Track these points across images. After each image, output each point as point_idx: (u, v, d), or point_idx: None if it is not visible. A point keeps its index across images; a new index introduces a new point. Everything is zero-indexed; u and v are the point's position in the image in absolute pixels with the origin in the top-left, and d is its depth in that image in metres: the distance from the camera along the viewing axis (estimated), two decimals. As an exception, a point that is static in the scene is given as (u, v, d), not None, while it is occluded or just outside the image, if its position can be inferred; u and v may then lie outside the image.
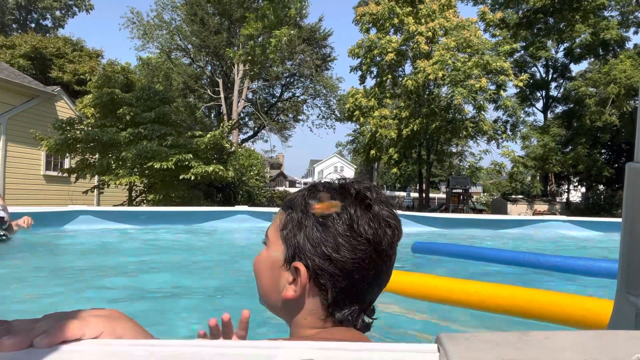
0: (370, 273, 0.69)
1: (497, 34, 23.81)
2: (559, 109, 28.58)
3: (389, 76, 21.12)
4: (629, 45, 24.91)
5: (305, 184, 33.52)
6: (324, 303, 0.68)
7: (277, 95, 31.39)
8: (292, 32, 17.42)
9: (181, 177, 10.79)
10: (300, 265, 0.68)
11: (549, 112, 28.67)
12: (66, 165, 13.61)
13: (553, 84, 28.48)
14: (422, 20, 20.00)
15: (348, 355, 0.36)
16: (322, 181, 0.76)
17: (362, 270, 0.68)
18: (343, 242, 0.67)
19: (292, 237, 0.70)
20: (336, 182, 0.75)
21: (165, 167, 10.29)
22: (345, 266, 0.67)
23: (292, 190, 22.98)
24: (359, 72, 22.15)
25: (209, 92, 27.89)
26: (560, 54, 27.57)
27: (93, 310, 0.51)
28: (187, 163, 10.65)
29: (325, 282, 0.67)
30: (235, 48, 22.84)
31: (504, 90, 20.63)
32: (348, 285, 0.68)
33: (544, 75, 28.25)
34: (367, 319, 0.72)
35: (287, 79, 30.37)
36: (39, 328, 0.44)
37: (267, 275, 0.74)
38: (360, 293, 0.69)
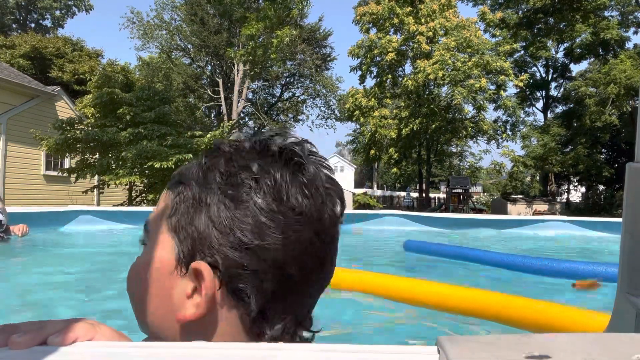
0: (309, 264, 0.49)
1: (497, 34, 23.85)
2: (559, 109, 28.67)
3: (389, 76, 21.15)
4: (629, 45, 25.00)
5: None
6: (246, 318, 0.47)
7: (277, 95, 31.46)
8: (293, 32, 17.43)
9: (181, 177, 10.79)
10: (203, 265, 0.46)
11: (549, 112, 28.72)
12: (66, 165, 13.61)
13: (553, 84, 28.58)
14: (422, 20, 20.03)
15: (348, 357, 0.36)
16: (227, 139, 0.53)
17: (299, 261, 0.47)
18: (268, 220, 0.46)
19: (187, 224, 0.48)
20: (248, 137, 0.52)
21: (165, 167, 10.30)
22: (274, 257, 0.46)
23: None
24: (359, 72, 22.18)
25: (209, 92, 27.92)
26: (560, 54, 27.67)
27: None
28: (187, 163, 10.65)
29: (246, 285, 0.46)
30: (236, 48, 22.86)
31: (504, 90, 20.68)
32: (280, 286, 0.47)
33: (544, 75, 28.29)
34: (305, 334, 0.52)
35: (287, 79, 30.43)
36: (50, 327, 0.44)
37: (152, 289, 0.49)
38: (297, 296, 0.49)
